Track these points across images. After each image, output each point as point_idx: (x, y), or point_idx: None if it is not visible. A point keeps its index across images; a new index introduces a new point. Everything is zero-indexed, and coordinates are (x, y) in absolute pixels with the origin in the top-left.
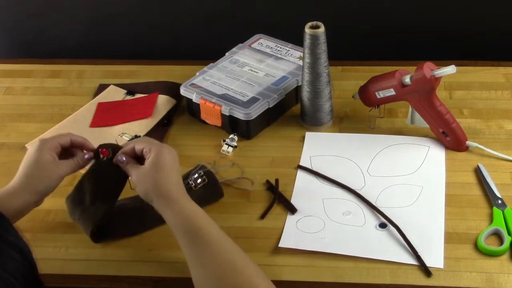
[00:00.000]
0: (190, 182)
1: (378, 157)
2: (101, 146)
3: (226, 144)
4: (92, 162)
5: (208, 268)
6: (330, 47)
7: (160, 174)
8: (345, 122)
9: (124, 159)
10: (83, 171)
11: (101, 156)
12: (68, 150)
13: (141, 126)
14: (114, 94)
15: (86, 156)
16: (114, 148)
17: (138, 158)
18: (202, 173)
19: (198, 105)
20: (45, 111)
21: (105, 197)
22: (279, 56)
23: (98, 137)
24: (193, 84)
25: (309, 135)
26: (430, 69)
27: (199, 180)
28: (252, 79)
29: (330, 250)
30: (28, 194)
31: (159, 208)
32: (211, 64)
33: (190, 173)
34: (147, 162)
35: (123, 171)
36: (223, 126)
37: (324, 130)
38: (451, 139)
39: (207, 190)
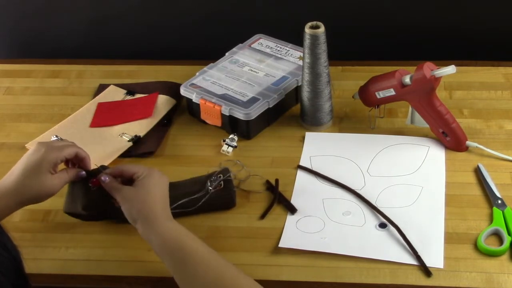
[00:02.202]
0: (208, 184)
1: (378, 157)
2: (92, 174)
3: (226, 144)
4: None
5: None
6: (330, 47)
7: (147, 197)
8: (345, 122)
9: (107, 179)
10: None
11: (91, 185)
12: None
13: (141, 126)
14: (114, 94)
15: (80, 174)
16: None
17: (124, 182)
18: (222, 176)
19: (198, 105)
20: (45, 111)
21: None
22: (279, 56)
23: (98, 137)
24: (193, 84)
25: (309, 135)
26: (430, 69)
27: (215, 184)
28: (252, 79)
29: (330, 250)
30: (14, 203)
31: (143, 229)
32: (211, 64)
33: (213, 174)
34: (136, 183)
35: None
36: (223, 126)
37: (324, 130)
38: (451, 139)
39: (219, 197)
